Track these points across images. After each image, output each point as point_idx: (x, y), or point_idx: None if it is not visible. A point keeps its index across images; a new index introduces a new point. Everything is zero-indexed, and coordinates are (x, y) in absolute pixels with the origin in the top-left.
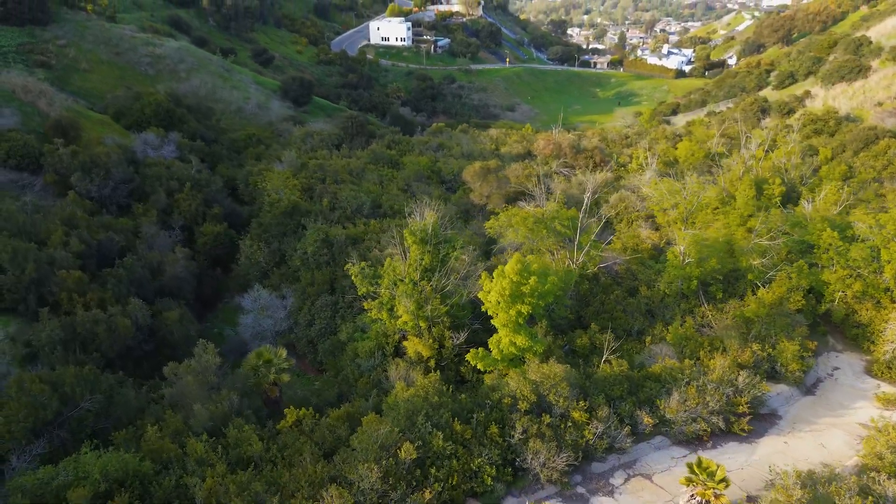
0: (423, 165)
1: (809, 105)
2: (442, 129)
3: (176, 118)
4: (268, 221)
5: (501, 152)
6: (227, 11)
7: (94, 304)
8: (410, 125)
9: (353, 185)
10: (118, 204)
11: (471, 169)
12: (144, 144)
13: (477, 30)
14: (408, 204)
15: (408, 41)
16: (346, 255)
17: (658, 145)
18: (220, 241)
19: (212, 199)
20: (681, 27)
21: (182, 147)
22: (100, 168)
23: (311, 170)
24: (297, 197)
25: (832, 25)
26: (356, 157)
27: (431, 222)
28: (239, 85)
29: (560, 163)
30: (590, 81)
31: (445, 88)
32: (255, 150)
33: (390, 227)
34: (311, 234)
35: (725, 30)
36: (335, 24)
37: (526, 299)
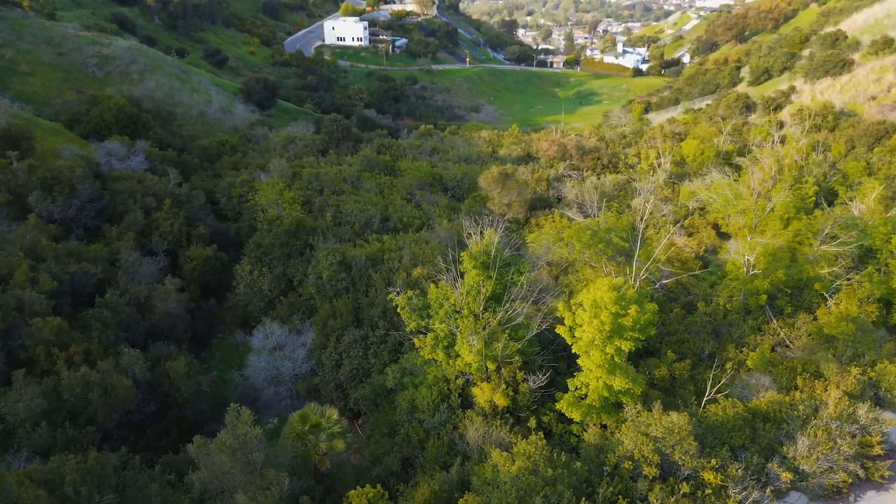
0: (423, 172)
1: (796, 100)
2: (431, 132)
3: (140, 125)
4: (268, 242)
5: (500, 155)
6: (174, 9)
7: (78, 358)
8: (380, 127)
9: (354, 197)
10: (85, 226)
11: (488, 175)
12: (108, 155)
13: (433, 29)
14: (418, 215)
15: (365, 41)
16: (366, 278)
17: (659, 144)
18: (211, 265)
19: (195, 218)
20: (623, 27)
21: (152, 157)
22: (63, 185)
23: (306, 180)
24: (299, 212)
25: (784, 23)
26: (347, 163)
27: (494, 243)
28: (198, 87)
29: (567, 165)
30: (549, 81)
31: (408, 90)
32: (230, 159)
33: (405, 244)
34: (324, 256)
35: (673, 29)
36: (286, 23)
37: (626, 334)
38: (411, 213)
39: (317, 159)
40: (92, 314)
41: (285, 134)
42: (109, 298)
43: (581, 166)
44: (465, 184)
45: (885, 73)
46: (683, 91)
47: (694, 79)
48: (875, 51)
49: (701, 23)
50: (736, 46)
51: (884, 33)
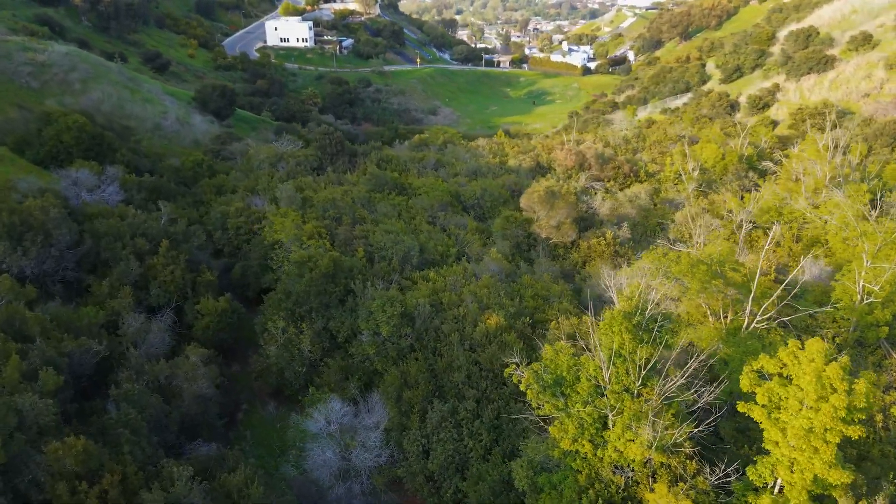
0: (441, 190)
1: (782, 98)
2: (427, 142)
3: (105, 146)
4: (301, 290)
5: (510, 166)
6: (104, 9)
7: (114, 492)
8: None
9: (381, 226)
10: (63, 280)
11: (533, 193)
12: (75, 186)
13: (378, 29)
14: (450, 243)
15: (310, 42)
16: (433, 332)
17: (672, 149)
18: (227, 321)
19: (195, 260)
20: (555, 25)
21: (127, 186)
22: (35, 231)
23: (320, 207)
24: (328, 248)
25: (726, 20)
26: (350, 182)
27: (641, 297)
28: (150, 97)
29: (589, 176)
30: (499, 81)
31: (362, 92)
32: (212, 182)
33: (457, 282)
34: (379, 307)
35: (610, 27)
36: (222, 24)
37: (856, 416)
38: (445, 242)
39: (314, 179)
40: (118, 419)
41: (270, 150)
42: (128, 389)
43: (602, 176)
44: (487, 202)
45: (873, 69)
46: (650, 90)
47: (660, 77)
48: (855, 47)
49: (638, 21)
50: (681, 44)
51: (854, 29)
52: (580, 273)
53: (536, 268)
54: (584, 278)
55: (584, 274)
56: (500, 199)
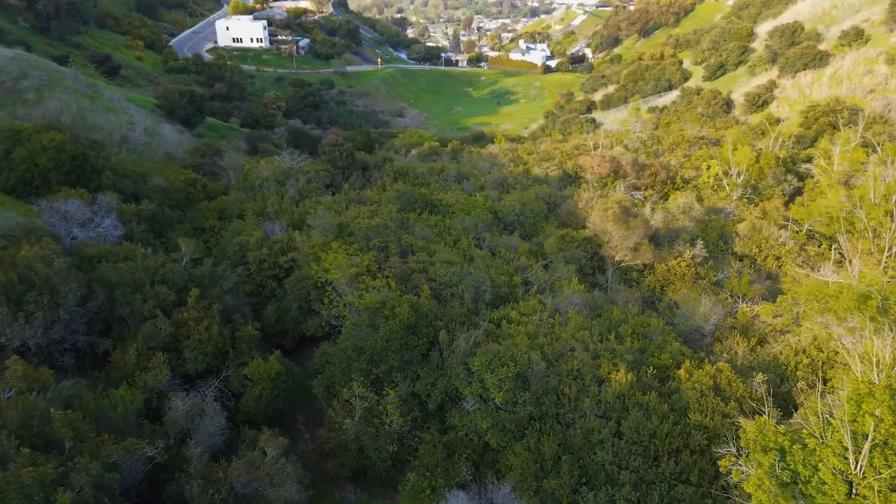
0: (478, 206)
1: (780, 95)
2: (437, 150)
3: (88, 168)
4: (377, 346)
5: (535, 175)
6: (43, 8)
7: None
8: (313, 141)
9: (438, 255)
10: (75, 348)
11: (604, 211)
12: (64, 221)
13: (333, 28)
14: (510, 270)
15: (265, 42)
16: (554, 394)
17: (691, 153)
18: (283, 385)
19: (228, 309)
20: (498, 24)
21: (125, 217)
22: (39, 290)
23: (361, 235)
24: (394, 287)
25: (684, 17)
26: (372, 201)
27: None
28: (114, 106)
29: (628, 184)
30: (460, 80)
31: (326, 95)
32: (212, 206)
33: (549, 325)
34: (485, 365)
35: (560, 25)
36: (166, 23)
37: None
38: (505, 270)
39: (335, 199)
40: None
41: (274, 165)
42: None
43: (639, 184)
44: (528, 218)
45: (873, 64)
46: (629, 88)
47: (637, 75)
48: (847, 42)
49: (589, 18)
50: (640, 41)
51: (837, 24)
52: (661, 300)
53: (614, 297)
54: (670, 307)
55: (667, 301)
56: (540, 215)
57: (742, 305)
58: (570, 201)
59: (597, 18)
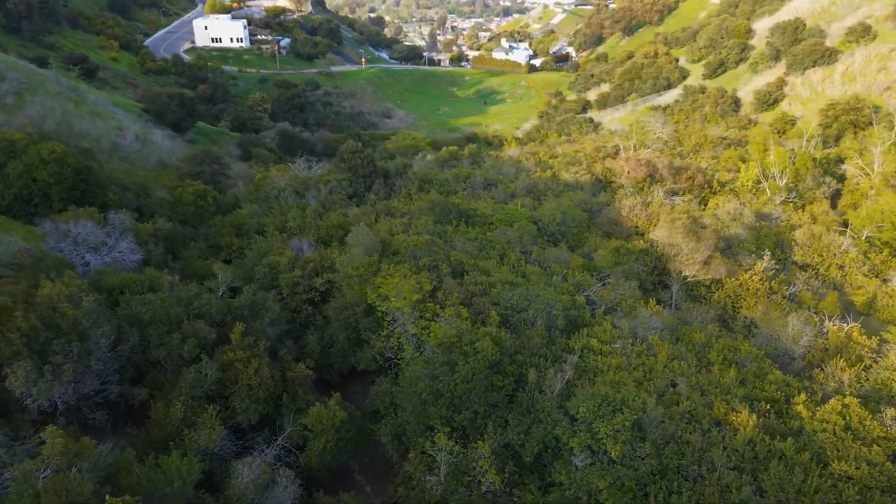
0: (520, 217)
1: (790, 93)
2: (456, 155)
3: (93, 182)
4: (460, 388)
5: (565, 180)
6: (14, 7)
7: None
8: (304, 144)
9: (497, 275)
10: (107, 401)
11: (672, 222)
12: (74, 245)
13: (314, 28)
14: (569, 289)
15: (246, 42)
16: (671, 442)
17: (718, 154)
18: (346, 435)
19: (275, 346)
20: (473, 23)
21: (140, 238)
22: (67, 337)
23: (407, 254)
24: (465, 316)
25: (668, 15)
26: (400, 213)
27: None
28: (100, 111)
29: (667, 189)
30: (445, 80)
31: (311, 96)
32: (226, 220)
33: (640, 358)
34: (592, 411)
35: (539, 24)
36: (139, 23)
37: None
38: (566, 289)
39: (364, 210)
40: None
41: (289, 174)
42: None
43: (676, 189)
44: (571, 229)
45: (886, 61)
46: (625, 87)
47: (633, 73)
48: (854, 38)
49: (569, 17)
50: (625, 39)
51: (838, 21)
52: (734, 318)
53: (687, 315)
54: (747, 326)
55: (742, 319)
56: (582, 224)
57: (828, 323)
58: (611, 209)
59: (576, 17)
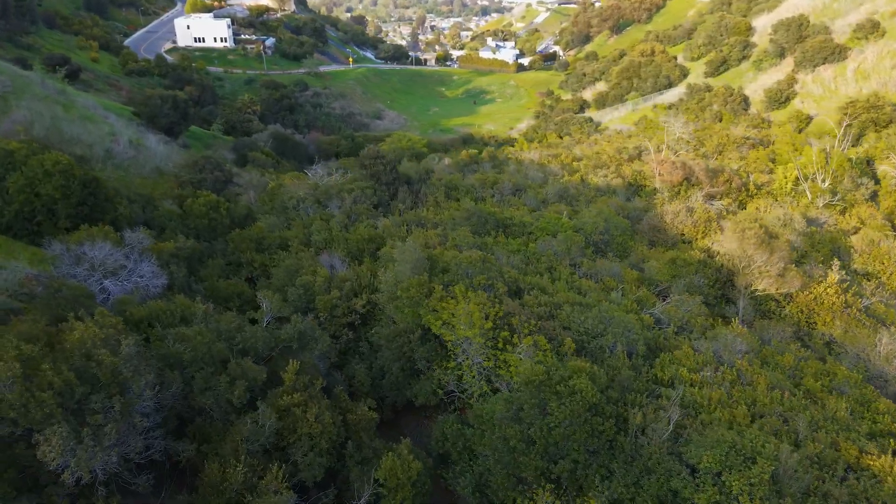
0: (564, 226)
1: (800, 91)
2: (477, 160)
3: (101, 196)
4: (556, 435)
5: (596, 184)
6: None
7: None
8: (298, 148)
9: (560, 295)
10: (151, 462)
11: (747, 232)
12: (90, 270)
13: (299, 27)
14: (636, 308)
15: (230, 42)
16: (812, 495)
17: (744, 154)
18: (423, 488)
19: (328, 386)
20: (451, 23)
21: (163, 258)
22: (107, 391)
23: (457, 271)
24: (543, 346)
25: (656, 13)
26: (432, 223)
27: None
28: (91, 115)
29: (706, 194)
30: (432, 80)
31: (300, 97)
32: (245, 234)
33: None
34: (720, 460)
35: (522, 22)
36: (117, 22)
37: None
38: (630, 307)
39: (389, 220)
40: None
41: (310, 183)
42: None
43: (714, 193)
44: (616, 238)
45: None
46: (623, 85)
47: (631, 72)
48: (863, 35)
49: (552, 16)
50: (612, 38)
51: (842, 17)
52: (811, 336)
53: (763, 334)
54: (827, 344)
55: (820, 337)
56: (626, 232)
57: None
58: (652, 215)
59: (560, 16)
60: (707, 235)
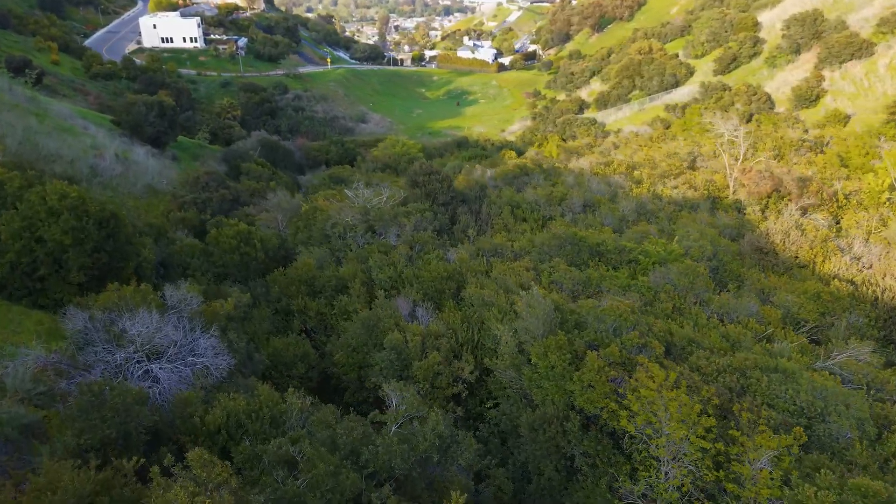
0: (674, 253)
1: (829, 88)
2: (527, 170)
3: (122, 238)
4: None
5: (670, 197)
6: None
7: None
8: (288, 156)
9: (740, 355)
10: None
11: None
12: (128, 349)
13: (270, 26)
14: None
15: (200, 42)
16: None
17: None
18: None
19: None
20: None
21: (218, 322)
22: None
23: (599, 327)
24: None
25: (637, 11)
26: (512, 252)
27: None
28: (68, 126)
29: (800, 207)
30: (412, 81)
31: (281, 100)
32: (292, 276)
33: None
34: None
35: (494, 21)
36: (75, 22)
37: None
38: (803, 361)
39: (461, 250)
40: None
41: (358, 206)
42: None
43: (806, 205)
44: (727, 265)
45: None
46: (625, 84)
47: (632, 70)
48: (890, 29)
49: (525, 14)
50: (594, 36)
51: (855, 12)
52: None
53: None
54: None
55: None
56: (736, 257)
57: None
58: (755, 234)
59: (534, 14)
60: (828, 259)
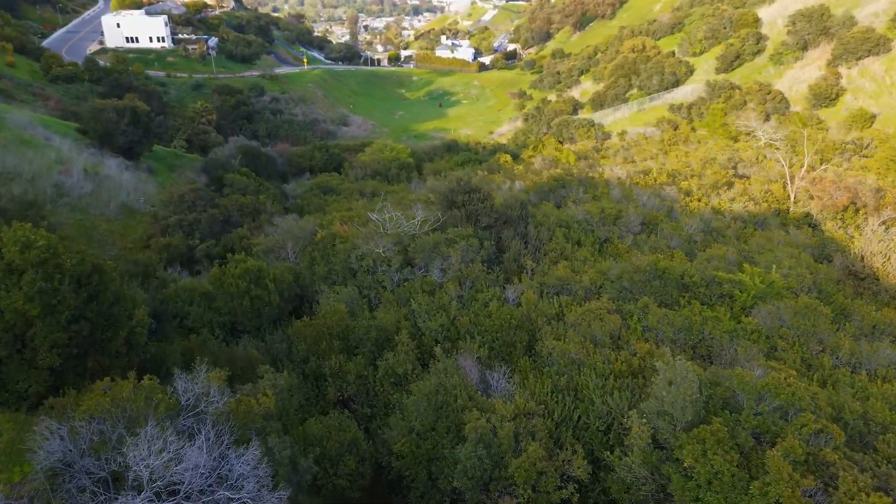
0: (776, 287)
1: (847, 87)
2: (565, 182)
3: (107, 299)
4: None
5: (732, 212)
6: None
7: None
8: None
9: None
10: None
11: None
12: (125, 480)
13: (241, 25)
14: None
15: (168, 42)
16: None
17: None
18: None
19: None
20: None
21: (254, 422)
22: None
23: (761, 408)
24: None
25: (619, 8)
26: (584, 289)
27: None
28: (28, 138)
29: (882, 222)
30: (391, 81)
31: (258, 103)
32: (323, 328)
33: None
34: None
35: (469, 20)
36: (31, 22)
37: None
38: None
39: (526, 288)
40: None
41: (392, 234)
42: None
43: (887, 218)
44: (831, 294)
45: None
46: (621, 84)
47: (628, 69)
48: None
49: (501, 13)
50: (576, 34)
51: (861, 7)
52: None
53: None
54: None
55: None
56: (835, 286)
57: None
58: (846, 256)
59: (510, 13)
60: None
